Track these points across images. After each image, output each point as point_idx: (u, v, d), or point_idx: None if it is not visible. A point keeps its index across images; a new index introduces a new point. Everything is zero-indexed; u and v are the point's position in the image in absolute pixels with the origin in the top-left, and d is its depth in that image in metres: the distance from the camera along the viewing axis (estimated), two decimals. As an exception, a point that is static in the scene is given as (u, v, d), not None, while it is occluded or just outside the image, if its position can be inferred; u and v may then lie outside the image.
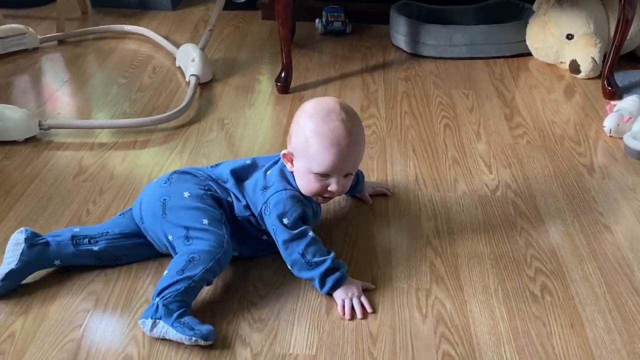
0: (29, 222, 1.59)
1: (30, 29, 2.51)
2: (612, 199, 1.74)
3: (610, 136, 2.02)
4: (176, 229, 1.37)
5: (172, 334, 1.23)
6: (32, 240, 1.38)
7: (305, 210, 1.41)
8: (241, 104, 2.20)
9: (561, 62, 2.47)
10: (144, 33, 2.65)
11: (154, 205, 1.42)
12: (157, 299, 1.26)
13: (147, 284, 1.41)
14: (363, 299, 1.37)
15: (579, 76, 2.40)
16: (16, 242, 1.38)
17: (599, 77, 2.36)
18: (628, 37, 2.28)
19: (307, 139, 1.37)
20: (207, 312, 1.35)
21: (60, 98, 2.22)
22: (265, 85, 2.33)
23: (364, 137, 1.44)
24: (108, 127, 2.01)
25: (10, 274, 1.35)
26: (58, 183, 1.74)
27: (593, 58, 2.36)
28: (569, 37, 2.41)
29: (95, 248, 1.42)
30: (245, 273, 1.45)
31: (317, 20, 2.76)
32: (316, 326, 1.32)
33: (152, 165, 1.84)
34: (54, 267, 1.43)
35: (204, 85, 2.29)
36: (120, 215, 1.51)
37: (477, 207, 1.69)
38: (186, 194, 1.41)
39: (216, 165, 1.54)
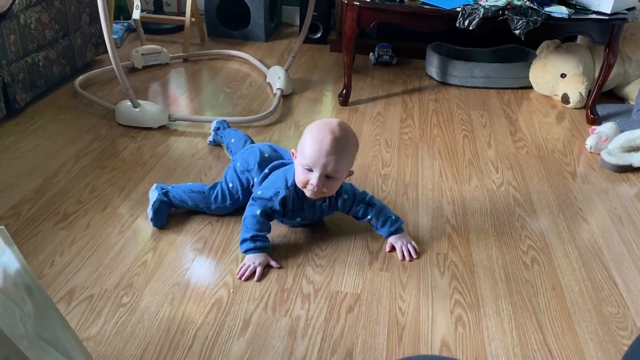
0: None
1: (164, 49, 2.57)
2: (589, 199, 1.70)
3: (591, 152, 1.97)
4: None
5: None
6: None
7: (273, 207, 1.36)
8: (312, 111, 2.22)
9: (555, 95, 2.42)
10: (244, 57, 2.69)
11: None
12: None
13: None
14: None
15: (569, 106, 2.35)
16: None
17: (584, 107, 2.30)
18: (609, 78, 2.22)
19: (304, 138, 1.31)
20: (283, 258, 1.37)
21: (183, 99, 2.28)
22: (330, 99, 2.35)
23: (349, 152, 1.31)
24: (216, 122, 2.06)
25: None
26: (180, 159, 1.79)
27: (580, 93, 2.31)
28: (563, 75, 2.35)
29: None
30: (310, 234, 1.47)
31: (371, 54, 2.76)
32: (361, 274, 1.34)
33: (247, 151, 1.88)
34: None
35: (286, 97, 2.31)
36: None
37: (485, 197, 1.68)
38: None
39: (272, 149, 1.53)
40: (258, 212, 1.36)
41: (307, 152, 1.29)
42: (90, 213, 1.50)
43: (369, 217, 1.44)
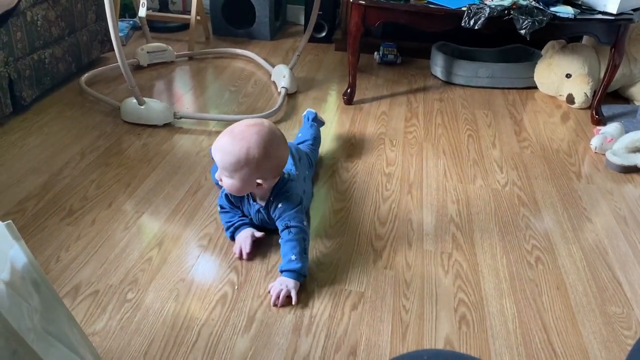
0: (165, 182, 1.64)
1: (170, 47, 2.57)
2: (594, 199, 1.70)
3: (596, 152, 1.97)
4: None
5: None
6: None
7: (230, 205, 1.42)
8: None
9: (560, 95, 2.42)
10: (249, 55, 2.69)
11: None
12: None
13: (245, 232, 1.45)
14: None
15: (574, 106, 2.34)
16: None
17: (589, 107, 2.29)
18: (614, 79, 2.21)
19: None
20: (287, 255, 1.38)
21: (188, 97, 2.28)
22: (335, 98, 2.35)
23: (240, 157, 1.24)
24: (222, 120, 2.06)
25: None
26: (185, 157, 1.79)
27: (585, 93, 2.30)
28: (568, 76, 2.35)
29: None
30: (314, 232, 1.48)
31: (375, 53, 2.76)
32: (365, 272, 1.34)
33: (252, 149, 1.88)
34: None
35: (290, 95, 2.32)
36: None
37: (490, 197, 1.68)
38: None
39: None
40: (219, 206, 1.44)
41: None
42: (96, 209, 1.51)
43: (281, 237, 1.32)
